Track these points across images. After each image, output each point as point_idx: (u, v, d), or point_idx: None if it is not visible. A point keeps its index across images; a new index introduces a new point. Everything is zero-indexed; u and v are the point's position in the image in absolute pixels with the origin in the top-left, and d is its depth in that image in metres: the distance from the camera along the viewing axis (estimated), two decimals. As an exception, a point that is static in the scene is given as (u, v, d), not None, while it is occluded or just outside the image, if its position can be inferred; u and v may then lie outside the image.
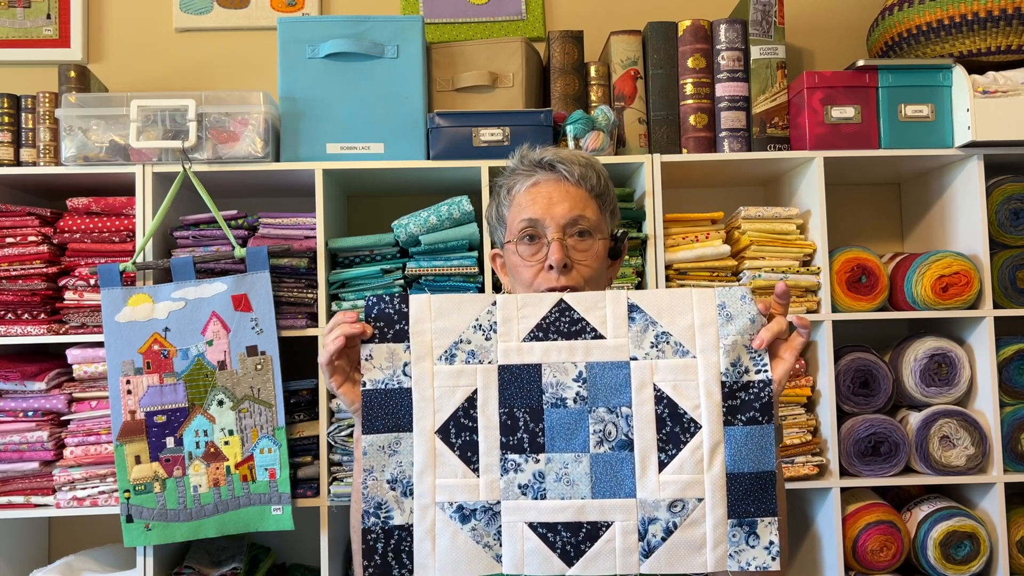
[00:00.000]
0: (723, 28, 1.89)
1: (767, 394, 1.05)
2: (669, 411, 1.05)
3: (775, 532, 1.03)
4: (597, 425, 1.06)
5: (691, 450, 1.04)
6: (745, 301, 1.06)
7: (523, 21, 2.20)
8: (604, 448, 1.05)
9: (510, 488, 1.05)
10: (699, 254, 1.82)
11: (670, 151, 1.89)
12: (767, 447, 1.04)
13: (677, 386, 1.06)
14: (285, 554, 2.09)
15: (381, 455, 1.06)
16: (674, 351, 1.07)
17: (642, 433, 1.05)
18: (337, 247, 1.83)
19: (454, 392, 1.07)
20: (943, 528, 1.81)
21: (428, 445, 1.06)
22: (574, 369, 1.07)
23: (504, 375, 1.07)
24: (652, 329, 1.07)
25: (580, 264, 1.19)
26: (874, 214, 2.22)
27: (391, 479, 1.05)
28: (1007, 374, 1.87)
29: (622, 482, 1.05)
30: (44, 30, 2.17)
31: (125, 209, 1.80)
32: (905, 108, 1.85)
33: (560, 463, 1.05)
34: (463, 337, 1.08)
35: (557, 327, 1.08)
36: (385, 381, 1.07)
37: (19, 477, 1.76)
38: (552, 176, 1.22)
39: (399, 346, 1.07)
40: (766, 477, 1.04)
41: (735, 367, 1.05)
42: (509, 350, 1.07)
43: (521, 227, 1.20)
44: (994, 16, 1.79)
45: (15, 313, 1.78)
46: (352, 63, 1.84)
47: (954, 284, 1.82)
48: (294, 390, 1.82)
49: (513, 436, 1.06)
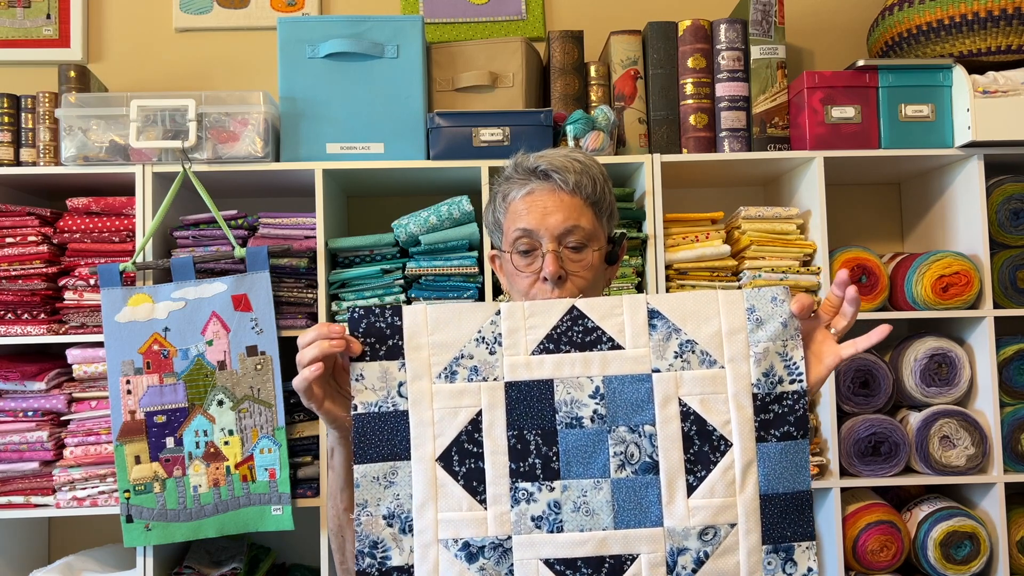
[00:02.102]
0: (723, 28, 1.89)
1: (802, 406, 0.95)
2: (696, 428, 0.96)
3: (813, 558, 0.95)
4: (618, 446, 0.95)
5: (722, 471, 0.95)
6: (776, 303, 0.97)
7: (523, 21, 2.20)
8: (626, 472, 0.95)
9: (522, 521, 0.94)
10: (699, 254, 1.82)
11: (670, 151, 1.89)
12: (803, 464, 0.95)
13: (704, 400, 0.96)
14: (285, 554, 2.09)
15: (376, 487, 0.95)
16: (700, 361, 0.96)
17: (668, 454, 0.95)
18: (337, 247, 1.83)
19: (456, 414, 0.96)
20: (943, 528, 1.81)
21: (428, 474, 0.95)
22: (590, 384, 0.96)
23: (512, 393, 0.96)
24: (675, 337, 0.97)
25: (575, 276, 1.16)
26: (874, 214, 2.22)
27: (388, 514, 0.95)
28: (1007, 374, 1.86)
29: (647, 510, 0.95)
30: (44, 30, 2.17)
31: (125, 209, 1.80)
32: (905, 108, 1.85)
33: (578, 491, 0.95)
34: (464, 352, 0.97)
35: (570, 337, 0.97)
36: (378, 404, 0.96)
37: (19, 477, 1.76)
38: (547, 185, 1.18)
39: (393, 364, 0.97)
40: (802, 497, 0.95)
41: (767, 377, 0.96)
42: (516, 365, 0.97)
43: (515, 236, 1.17)
44: (994, 16, 1.79)
45: (15, 313, 1.78)
46: (352, 63, 1.84)
47: (954, 284, 1.82)
48: (294, 390, 1.82)
49: (524, 462, 0.95)
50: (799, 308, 0.97)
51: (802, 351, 0.97)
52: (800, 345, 0.97)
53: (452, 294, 1.79)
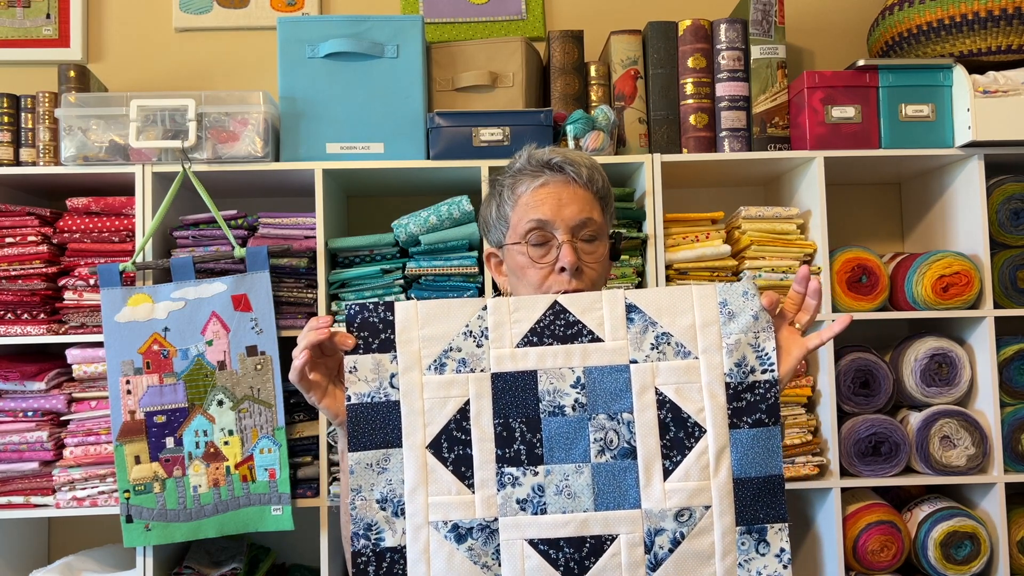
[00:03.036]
0: (723, 28, 1.89)
1: (773, 395, 1.01)
2: (672, 416, 1.01)
3: (786, 539, 1.00)
4: (598, 433, 1.01)
5: (696, 456, 1.01)
6: (747, 297, 1.03)
7: (523, 21, 2.20)
8: (606, 457, 1.01)
9: (508, 503, 1.00)
10: (699, 254, 1.82)
11: (670, 151, 1.89)
12: (774, 450, 1.01)
13: (680, 389, 1.02)
14: (285, 554, 2.09)
15: (369, 473, 1.01)
16: (675, 352, 1.03)
17: (645, 440, 1.01)
18: (337, 247, 1.83)
19: (445, 403, 1.02)
20: (943, 528, 1.81)
21: (419, 461, 1.01)
22: (571, 375, 1.02)
23: (498, 384, 1.02)
24: (652, 330, 1.03)
25: (588, 267, 1.19)
26: (874, 214, 2.22)
27: (381, 498, 1.01)
28: (1007, 374, 1.86)
29: (626, 492, 1.00)
30: (44, 30, 2.17)
31: (125, 209, 1.80)
32: (905, 108, 1.85)
33: (560, 475, 1.01)
34: (453, 344, 1.03)
35: (552, 331, 1.03)
36: (371, 394, 1.02)
37: (19, 477, 1.76)
38: (561, 177, 1.20)
39: (385, 356, 1.02)
40: (774, 481, 1.00)
41: (739, 367, 1.02)
42: (502, 357, 1.03)
43: (528, 228, 1.18)
44: (994, 16, 1.79)
45: (15, 313, 1.78)
46: (352, 63, 1.84)
47: (954, 284, 1.82)
48: (294, 390, 1.82)
49: (509, 448, 1.01)
50: (768, 302, 1.03)
51: (774, 342, 1.03)
52: (772, 337, 1.03)
53: (452, 294, 1.79)
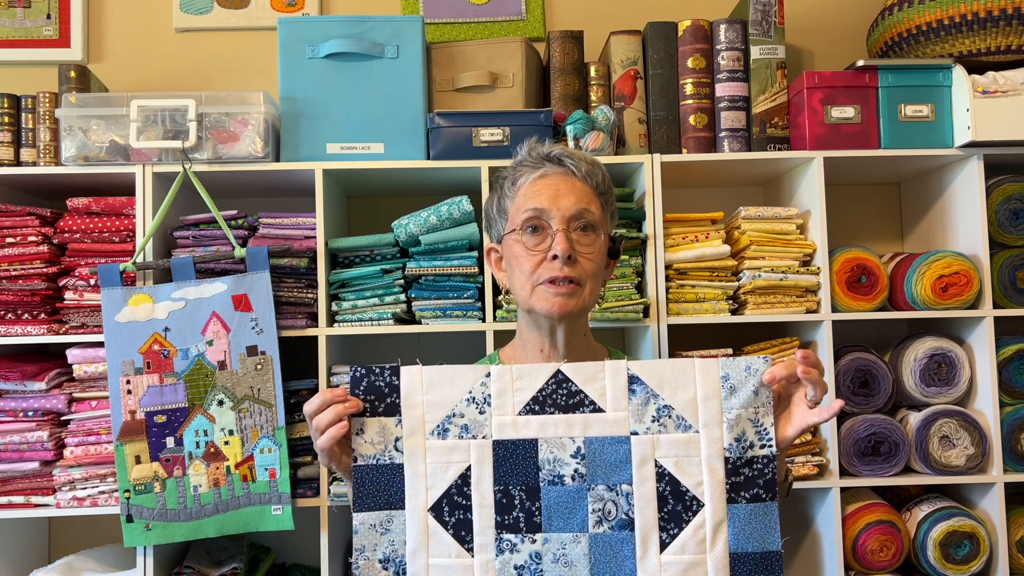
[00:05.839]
0: (723, 28, 1.89)
1: (771, 470, 1.02)
2: (671, 488, 1.02)
3: None
4: (596, 504, 1.02)
5: (693, 529, 1.01)
6: (749, 372, 1.03)
7: (523, 21, 2.20)
8: (604, 528, 1.02)
9: (506, 569, 1.02)
10: (699, 254, 1.82)
11: (670, 151, 1.89)
12: (772, 526, 1.01)
13: (679, 462, 1.02)
14: (285, 554, 2.09)
15: (373, 534, 1.03)
16: (676, 425, 1.03)
17: (643, 512, 1.02)
18: (337, 247, 1.83)
19: (447, 468, 1.03)
20: (943, 528, 1.81)
21: (421, 523, 1.03)
22: (572, 444, 1.03)
23: (499, 451, 1.04)
24: (653, 402, 1.04)
25: (583, 257, 1.20)
26: (874, 214, 2.23)
27: (383, 559, 1.03)
28: (1007, 374, 1.87)
29: (622, 563, 1.01)
30: (44, 30, 2.17)
31: (125, 209, 1.80)
32: (905, 108, 1.85)
33: (558, 543, 1.02)
34: (456, 411, 1.04)
35: (554, 400, 1.04)
36: (376, 457, 1.04)
37: (19, 477, 1.76)
38: (559, 170, 1.23)
39: (390, 420, 1.04)
40: (772, 558, 1.01)
41: (739, 442, 1.02)
42: (504, 424, 1.04)
43: (525, 216, 1.21)
44: (994, 16, 1.79)
45: (15, 313, 1.78)
46: (352, 63, 1.84)
47: (954, 284, 1.82)
48: (294, 390, 1.82)
49: (509, 515, 1.03)
50: (769, 378, 1.03)
51: (772, 417, 1.03)
52: (771, 412, 1.03)
53: (452, 294, 1.79)
